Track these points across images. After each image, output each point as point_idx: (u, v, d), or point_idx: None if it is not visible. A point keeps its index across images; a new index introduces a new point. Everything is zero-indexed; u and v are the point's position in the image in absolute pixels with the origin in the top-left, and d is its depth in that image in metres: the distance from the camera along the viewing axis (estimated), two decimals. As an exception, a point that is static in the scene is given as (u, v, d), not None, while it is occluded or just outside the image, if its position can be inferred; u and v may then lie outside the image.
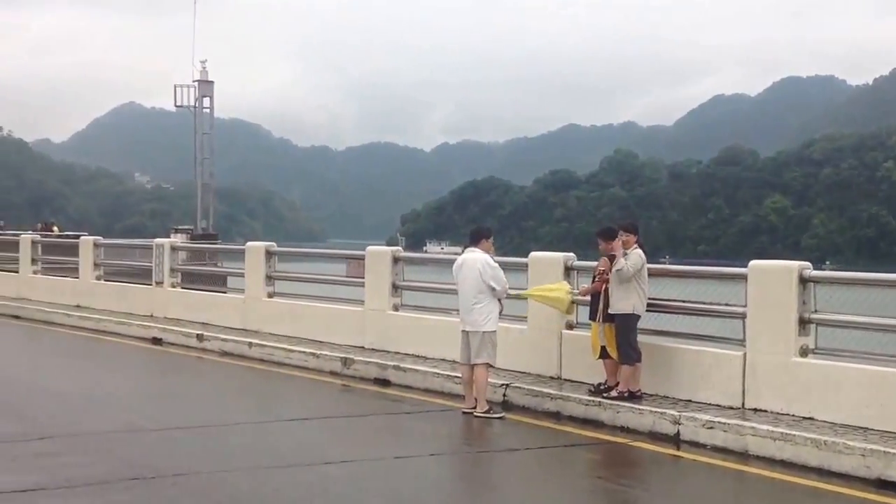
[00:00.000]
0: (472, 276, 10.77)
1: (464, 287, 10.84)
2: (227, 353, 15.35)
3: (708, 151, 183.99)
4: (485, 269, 10.76)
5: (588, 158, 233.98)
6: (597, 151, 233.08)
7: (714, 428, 9.36)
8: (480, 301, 10.73)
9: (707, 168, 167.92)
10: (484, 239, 11.17)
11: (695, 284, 11.60)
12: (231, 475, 7.86)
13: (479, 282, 10.74)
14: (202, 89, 52.64)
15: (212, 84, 53.02)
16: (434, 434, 10.11)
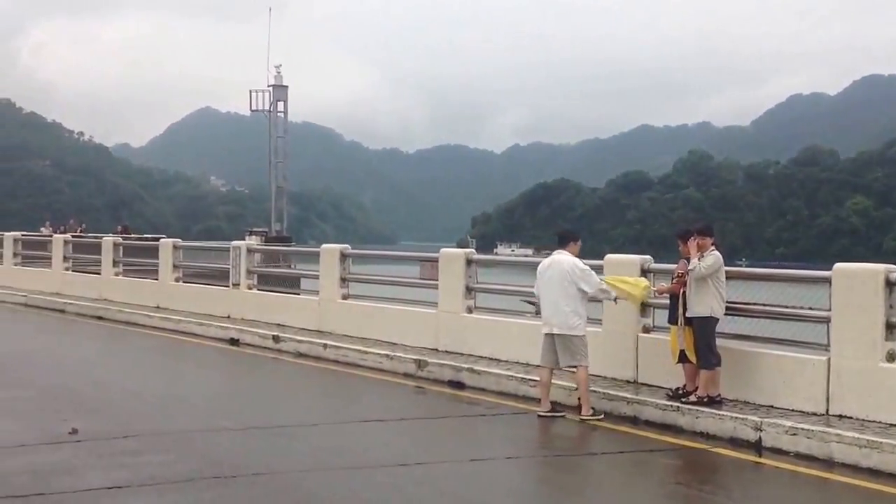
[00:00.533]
0: (562, 279, 10.71)
1: (551, 289, 10.77)
2: (303, 354, 15.48)
3: (786, 152, 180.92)
4: (574, 271, 10.72)
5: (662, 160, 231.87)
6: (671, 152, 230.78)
7: (797, 434, 9.16)
8: (570, 304, 10.66)
9: (785, 169, 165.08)
10: (572, 242, 11.14)
11: (775, 288, 11.36)
12: (308, 475, 7.92)
13: (570, 285, 10.69)
14: (276, 94, 53.23)
15: (286, 89, 53.58)
16: (509, 437, 10.06)
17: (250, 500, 7.22)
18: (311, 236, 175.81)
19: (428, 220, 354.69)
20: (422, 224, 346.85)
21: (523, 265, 29.57)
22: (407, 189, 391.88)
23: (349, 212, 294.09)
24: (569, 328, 10.67)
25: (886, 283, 9.62)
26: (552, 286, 10.77)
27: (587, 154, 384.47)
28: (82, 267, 25.68)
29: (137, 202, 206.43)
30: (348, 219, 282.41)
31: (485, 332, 13.90)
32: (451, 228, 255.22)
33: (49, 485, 7.32)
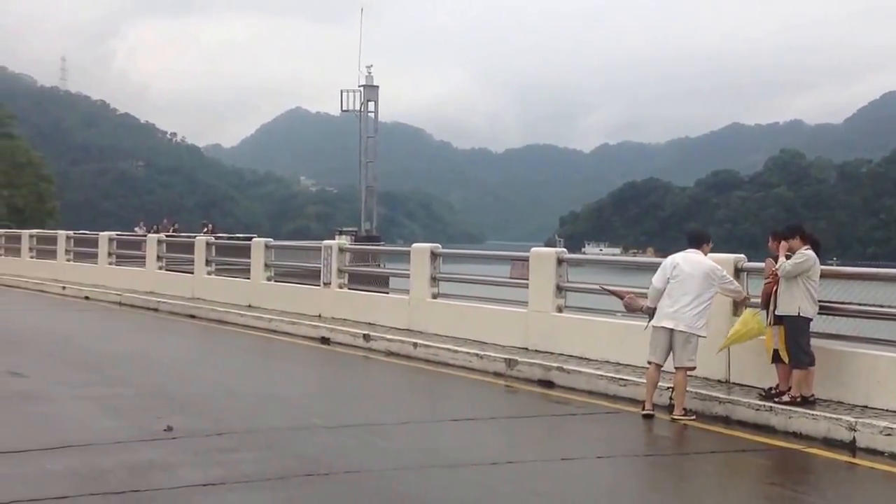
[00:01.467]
0: (699, 277, 10.66)
1: (686, 286, 10.66)
2: (393, 353, 15.63)
3: (879, 150, 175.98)
4: (715, 273, 10.72)
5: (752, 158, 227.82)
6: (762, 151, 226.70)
7: (892, 435, 8.98)
8: (702, 305, 10.62)
9: (878, 167, 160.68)
10: (705, 243, 11.10)
11: (870, 287, 11.11)
12: (400, 473, 7.99)
13: (707, 284, 10.66)
14: (367, 94, 53.68)
15: (376, 89, 54.00)
16: (600, 436, 10.03)
17: (343, 498, 7.31)
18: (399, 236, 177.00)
19: (516, 220, 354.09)
20: (509, 224, 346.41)
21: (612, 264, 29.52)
22: (495, 189, 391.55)
23: (437, 212, 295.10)
24: (696, 328, 10.61)
25: None
26: (688, 283, 10.66)
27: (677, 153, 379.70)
28: (175, 266, 26.20)
29: (228, 202, 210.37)
30: (436, 218, 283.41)
31: (574, 332, 13.88)
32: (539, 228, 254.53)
33: (144, 482, 7.44)
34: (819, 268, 10.29)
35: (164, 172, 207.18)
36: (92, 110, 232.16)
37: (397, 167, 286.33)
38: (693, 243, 11.05)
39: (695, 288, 10.62)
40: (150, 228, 41.96)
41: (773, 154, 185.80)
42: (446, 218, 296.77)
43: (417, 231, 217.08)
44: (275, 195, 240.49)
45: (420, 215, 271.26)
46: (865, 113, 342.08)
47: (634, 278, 18.14)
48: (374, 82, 53.68)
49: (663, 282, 10.86)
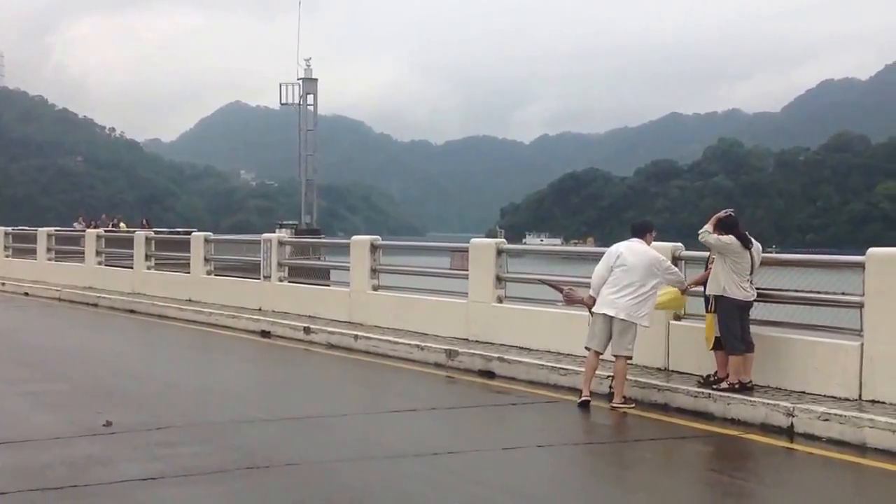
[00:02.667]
0: (642, 267, 10.68)
1: (628, 275, 10.68)
2: (334, 345, 15.56)
3: (817, 138, 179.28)
4: (659, 263, 10.76)
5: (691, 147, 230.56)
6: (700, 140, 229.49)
7: (829, 420, 9.11)
8: (644, 294, 10.65)
9: (816, 155, 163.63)
10: (648, 233, 11.12)
11: (807, 274, 11.28)
12: (341, 465, 7.95)
13: (650, 274, 10.69)
14: (306, 87, 53.42)
15: (315, 82, 53.76)
16: (541, 426, 10.07)
17: (283, 490, 7.26)
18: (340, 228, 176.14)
19: (457, 212, 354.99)
20: (451, 215, 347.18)
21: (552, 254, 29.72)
22: (436, 181, 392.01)
23: (379, 204, 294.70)
24: (636, 317, 10.65)
25: (920, 267, 9.54)
26: (631, 273, 10.68)
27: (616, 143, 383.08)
28: (115, 262, 25.98)
29: (169, 197, 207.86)
30: (378, 211, 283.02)
31: (515, 322, 13.92)
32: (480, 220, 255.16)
33: (83, 477, 7.39)
34: (749, 257, 10.35)
35: (103, 168, 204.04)
36: (30, 106, 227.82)
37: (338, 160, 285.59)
38: (637, 233, 11.10)
39: (637, 277, 10.67)
40: (89, 224, 41.33)
41: (711, 143, 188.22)
42: (388, 210, 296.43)
43: (359, 224, 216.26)
44: (215, 189, 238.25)
45: (361, 208, 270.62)
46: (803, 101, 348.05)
47: (575, 268, 18.25)
48: (312, 75, 53.46)
49: (606, 270, 10.91)
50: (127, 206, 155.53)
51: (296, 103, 53.21)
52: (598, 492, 7.71)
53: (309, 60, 53.17)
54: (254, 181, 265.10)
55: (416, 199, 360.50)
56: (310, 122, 54.00)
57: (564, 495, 7.28)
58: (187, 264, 22.01)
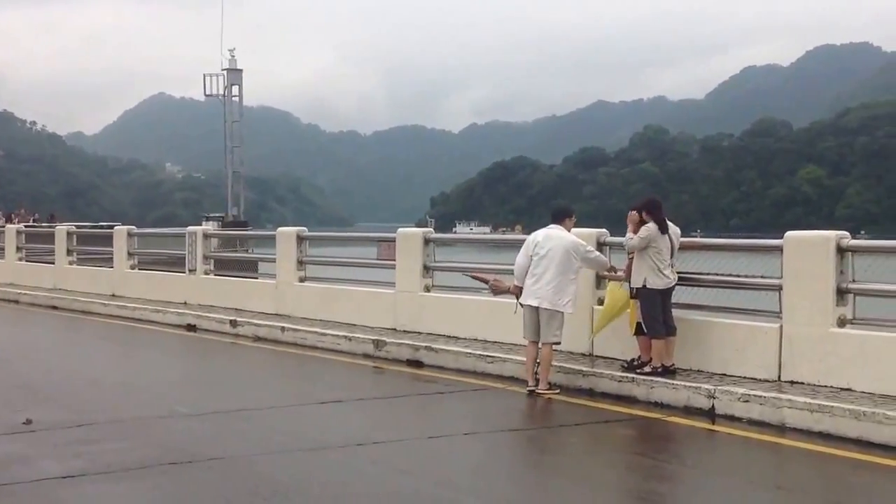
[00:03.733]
0: (561, 253, 10.70)
1: (547, 262, 10.72)
2: (261, 338, 15.43)
3: (740, 124, 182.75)
4: (577, 248, 10.77)
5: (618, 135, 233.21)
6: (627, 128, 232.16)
7: (750, 401, 9.28)
8: (565, 280, 10.69)
9: (739, 141, 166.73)
10: (567, 218, 11.13)
11: (728, 258, 11.49)
12: (266, 458, 7.88)
13: (569, 263, 10.71)
14: (231, 78, 52.75)
15: (240, 72, 53.11)
16: (467, 414, 10.09)
17: (206, 484, 7.18)
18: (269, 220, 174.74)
19: (387, 202, 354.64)
20: (381, 206, 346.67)
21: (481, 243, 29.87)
22: (365, 171, 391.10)
23: (308, 195, 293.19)
24: (559, 304, 10.69)
25: (837, 249, 9.75)
26: (550, 260, 10.72)
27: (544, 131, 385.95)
28: (36, 257, 25.43)
29: (93, 191, 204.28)
30: (307, 202, 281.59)
31: (442, 311, 13.94)
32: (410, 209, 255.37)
33: (3, 475, 7.22)
34: (668, 241, 10.49)
35: (24, 161, 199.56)
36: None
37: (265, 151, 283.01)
38: (555, 219, 11.13)
39: (556, 264, 10.71)
40: (8, 218, 40.37)
41: (637, 130, 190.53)
42: (317, 201, 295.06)
43: (288, 215, 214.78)
44: (140, 182, 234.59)
45: (290, 199, 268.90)
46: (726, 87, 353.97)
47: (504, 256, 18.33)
48: (237, 66, 52.78)
49: (526, 259, 10.95)
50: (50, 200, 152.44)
51: (220, 94, 52.55)
52: (524, 478, 7.75)
53: (233, 51, 52.55)
54: (180, 174, 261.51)
55: (346, 189, 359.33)
56: (235, 114, 53.33)
57: (489, 482, 7.31)
58: (111, 259, 21.62)
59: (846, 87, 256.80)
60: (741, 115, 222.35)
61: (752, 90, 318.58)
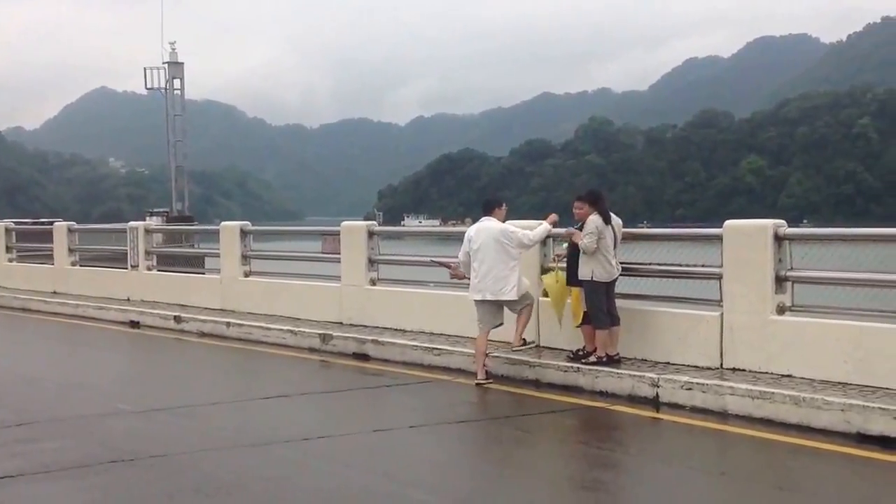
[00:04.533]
0: (493, 243, 10.79)
1: (484, 255, 10.82)
2: (206, 333, 15.29)
3: (683, 115, 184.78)
4: (506, 234, 10.84)
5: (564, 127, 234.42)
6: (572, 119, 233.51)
7: (692, 389, 9.38)
8: (501, 270, 10.76)
9: (682, 132, 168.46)
10: (496, 208, 11.19)
11: (672, 247, 11.59)
12: (210, 455, 7.81)
13: (502, 251, 10.78)
14: (172, 71, 51.99)
15: (182, 66, 52.35)
16: (414, 406, 10.08)
17: (147, 483, 7.08)
18: (216, 215, 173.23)
19: (334, 195, 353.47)
20: (328, 199, 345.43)
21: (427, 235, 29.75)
22: (312, 165, 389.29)
23: (254, 189, 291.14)
24: (501, 294, 10.80)
25: (775, 237, 9.88)
26: (484, 252, 10.82)
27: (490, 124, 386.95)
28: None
29: (34, 187, 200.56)
30: (254, 196, 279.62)
31: (388, 304, 13.90)
32: (358, 203, 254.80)
33: (-62, 477, 7.06)
34: (612, 233, 10.55)
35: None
36: None
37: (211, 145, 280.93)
38: (486, 210, 11.22)
39: (491, 255, 10.79)
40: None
41: (583, 122, 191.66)
42: (264, 196, 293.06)
43: (235, 209, 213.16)
44: (83, 178, 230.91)
45: (237, 194, 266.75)
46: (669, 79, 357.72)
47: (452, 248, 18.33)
48: (178, 59, 52.04)
49: (465, 254, 11.07)
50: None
51: (162, 88, 51.85)
52: (471, 469, 7.75)
53: (174, 44, 51.75)
54: (123, 168, 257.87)
55: (293, 183, 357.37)
56: (178, 107, 52.61)
57: (436, 474, 7.31)
58: (52, 255, 21.28)
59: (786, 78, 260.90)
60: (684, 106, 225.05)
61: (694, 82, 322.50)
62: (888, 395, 8.56)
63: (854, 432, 8.12)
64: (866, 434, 8.04)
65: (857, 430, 8.12)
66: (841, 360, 9.22)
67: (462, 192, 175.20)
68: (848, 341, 9.26)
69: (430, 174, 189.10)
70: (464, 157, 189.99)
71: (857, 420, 8.16)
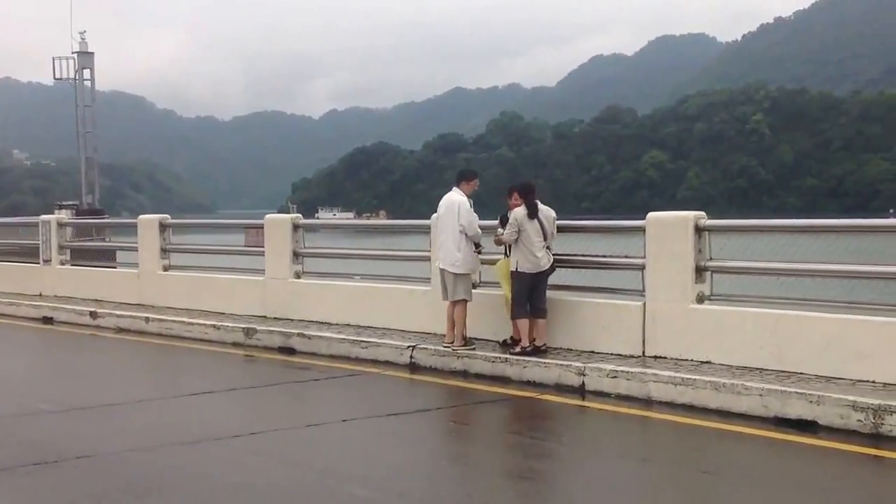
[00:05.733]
0: (450, 216, 10.99)
1: (443, 225, 11.09)
2: (124, 329, 15.01)
3: (590, 111, 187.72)
4: (461, 211, 10.97)
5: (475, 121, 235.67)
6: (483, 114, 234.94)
7: (617, 377, 9.56)
8: (455, 241, 10.92)
9: (589, 127, 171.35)
10: (465, 181, 11.28)
11: (595, 239, 11.77)
12: (135, 454, 7.63)
13: (455, 222, 10.94)
14: (81, 61, 50.71)
15: (91, 56, 51.11)
16: (344, 400, 10.06)
17: (75, 484, 6.88)
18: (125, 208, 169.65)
19: (247, 188, 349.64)
20: (242, 192, 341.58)
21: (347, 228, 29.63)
22: (224, 157, 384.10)
23: (165, 182, 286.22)
24: (451, 265, 10.96)
25: (696, 229, 10.12)
26: (443, 222, 11.09)
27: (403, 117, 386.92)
28: None
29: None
30: (165, 189, 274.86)
31: (314, 297, 13.84)
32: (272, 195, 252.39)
33: None
34: (539, 225, 10.66)
35: None
36: None
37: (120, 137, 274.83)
38: (456, 181, 11.36)
39: (447, 226, 11.04)
40: None
41: (494, 116, 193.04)
42: (174, 188, 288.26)
43: (145, 202, 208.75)
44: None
45: (147, 186, 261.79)
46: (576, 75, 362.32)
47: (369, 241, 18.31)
48: (88, 49, 50.81)
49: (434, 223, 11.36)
50: None
51: (71, 78, 50.56)
52: (404, 462, 7.74)
53: (84, 34, 50.50)
54: (28, 161, 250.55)
55: (205, 176, 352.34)
56: (87, 98, 51.41)
57: (371, 469, 7.29)
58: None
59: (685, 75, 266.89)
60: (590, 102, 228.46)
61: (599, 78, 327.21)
62: (802, 379, 8.86)
63: (772, 416, 8.37)
64: (784, 418, 8.29)
65: (775, 414, 8.37)
66: (758, 347, 9.50)
67: (376, 184, 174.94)
68: (764, 328, 9.55)
69: (344, 167, 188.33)
70: (378, 151, 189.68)
71: (775, 404, 8.41)
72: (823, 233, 10.60)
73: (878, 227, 10.02)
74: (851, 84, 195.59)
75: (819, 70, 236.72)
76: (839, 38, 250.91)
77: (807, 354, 9.18)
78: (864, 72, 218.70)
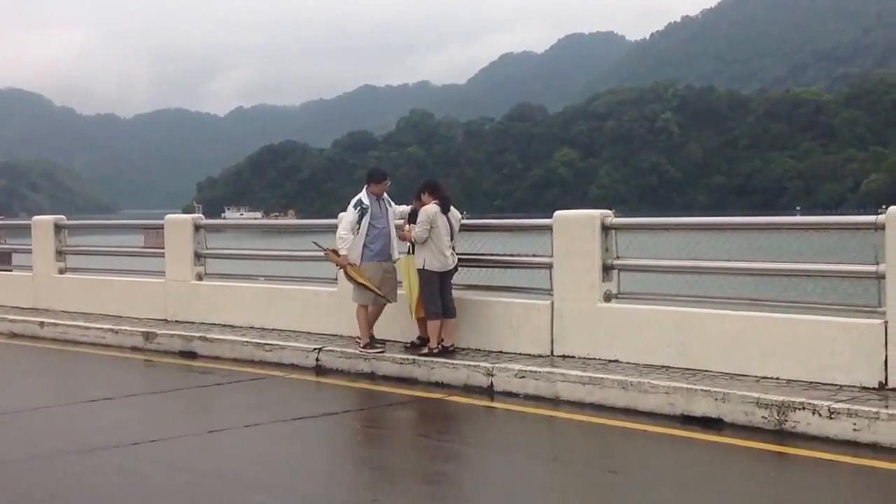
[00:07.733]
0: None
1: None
2: (17, 334, 14.50)
3: (500, 108, 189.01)
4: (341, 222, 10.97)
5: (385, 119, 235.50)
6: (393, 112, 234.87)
7: (525, 377, 9.53)
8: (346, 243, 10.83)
9: (500, 125, 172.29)
10: (374, 182, 11.15)
11: (503, 238, 11.71)
12: (30, 463, 7.35)
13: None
14: (-27, 56, 49.15)
15: (-16, 50, 49.59)
16: (247, 404, 9.80)
17: (-36, 496, 6.62)
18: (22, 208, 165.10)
19: (150, 188, 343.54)
20: (145, 191, 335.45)
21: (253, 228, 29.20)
22: (127, 156, 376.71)
23: (65, 182, 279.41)
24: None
25: (602, 227, 10.15)
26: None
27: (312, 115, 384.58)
28: None
29: None
30: (64, 189, 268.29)
31: (216, 299, 13.55)
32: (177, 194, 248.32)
33: None
34: (448, 223, 10.58)
35: None
36: None
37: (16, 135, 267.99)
38: (366, 182, 11.22)
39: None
40: None
41: (404, 114, 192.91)
42: (74, 188, 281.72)
43: (43, 203, 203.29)
44: None
45: (44, 186, 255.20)
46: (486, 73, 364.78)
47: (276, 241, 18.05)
48: (-17, 43, 49.20)
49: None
50: None
51: (-37, 74, 49.00)
52: (310, 467, 7.58)
53: (-22, 28, 49.09)
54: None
55: (106, 175, 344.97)
56: (-19, 95, 49.90)
57: (276, 475, 7.12)
58: None
59: (595, 73, 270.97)
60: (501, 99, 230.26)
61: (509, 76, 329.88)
62: (708, 377, 8.94)
63: (678, 414, 8.42)
64: (690, 416, 8.35)
65: (681, 412, 8.42)
66: (664, 345, 9.57)
67: (285, 183, 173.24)
68: (670, 326, 9.62)
69: (251, 166, 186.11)
70: (286, 149, 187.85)
71: (681, 402, 8.47)
72: (728, 230, 10.71)
73: (781, 225, 10.22)
74: (758, 83, 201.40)
75: (726, 68, 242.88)
76: (746, 36, 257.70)
77: (712, 352, 9.27)
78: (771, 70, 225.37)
